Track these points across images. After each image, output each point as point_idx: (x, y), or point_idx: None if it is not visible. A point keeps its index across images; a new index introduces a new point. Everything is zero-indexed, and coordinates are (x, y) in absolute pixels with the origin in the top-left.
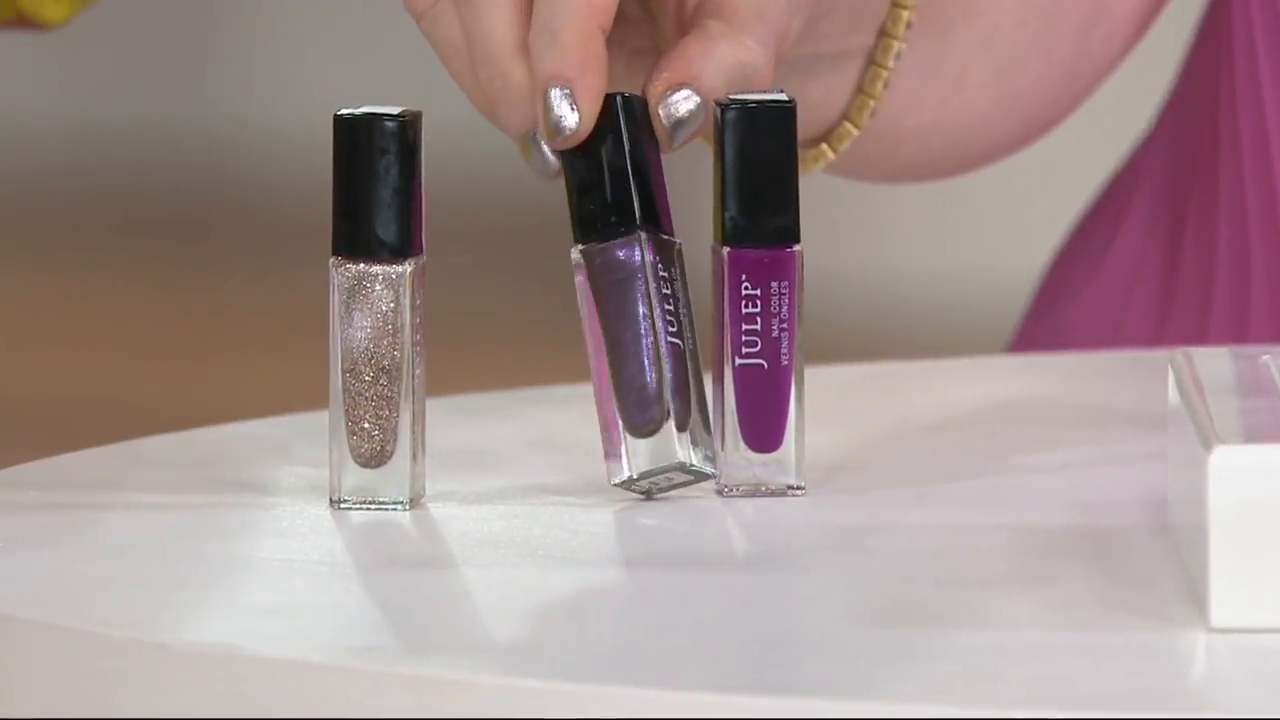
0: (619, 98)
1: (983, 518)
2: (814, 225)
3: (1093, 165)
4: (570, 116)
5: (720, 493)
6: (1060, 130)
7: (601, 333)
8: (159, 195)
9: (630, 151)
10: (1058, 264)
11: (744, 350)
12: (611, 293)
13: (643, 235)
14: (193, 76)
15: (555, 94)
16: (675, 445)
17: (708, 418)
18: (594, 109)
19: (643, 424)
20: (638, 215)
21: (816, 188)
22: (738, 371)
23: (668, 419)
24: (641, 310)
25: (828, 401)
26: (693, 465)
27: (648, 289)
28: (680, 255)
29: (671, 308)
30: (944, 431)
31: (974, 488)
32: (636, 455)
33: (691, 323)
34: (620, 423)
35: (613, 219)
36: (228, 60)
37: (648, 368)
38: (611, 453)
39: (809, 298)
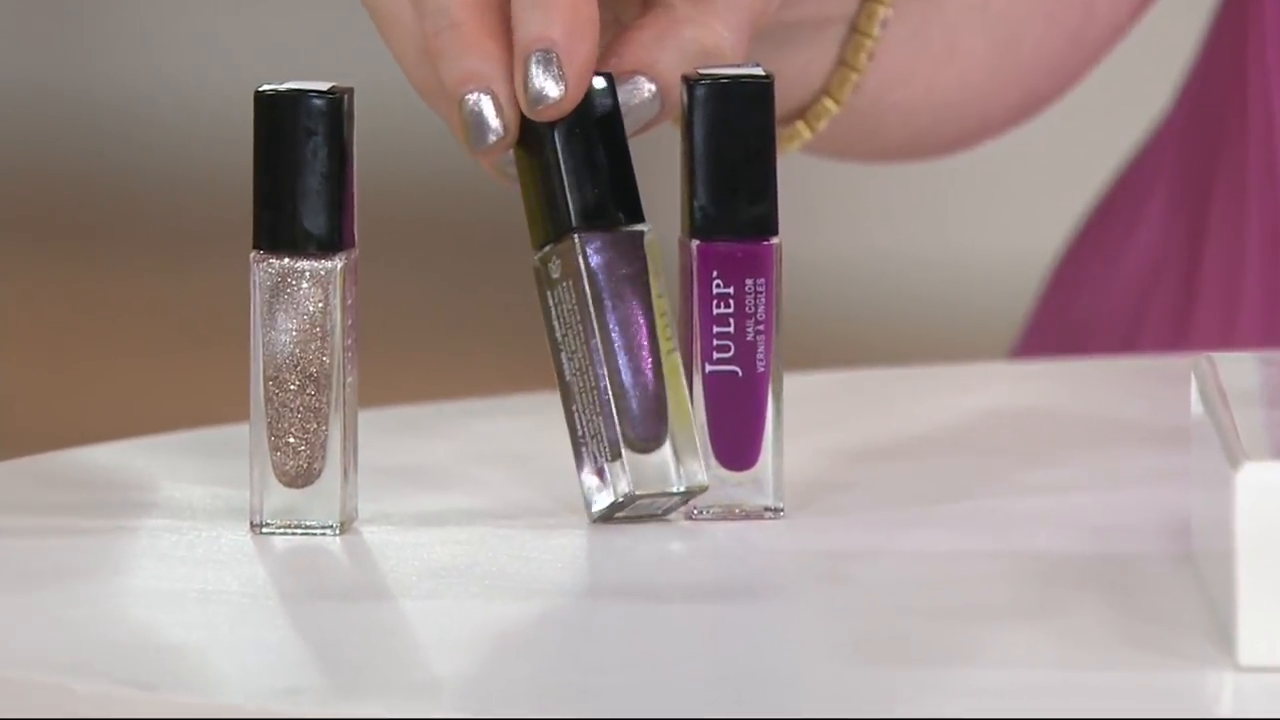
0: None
1: (982, 543)
2: (792, 212)
3: (1107, 145)
4: (554, 87)
5: (689, 515)
6: (1070, 106)
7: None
8: (40, 177)
9: (608, 136)
10: (1067, 259)
11: (715, 356)
12: (615, 291)
13: (578, 237)
14: (76, 36)
15: (539, 59)
16: (657, 469)
17: (690, 435)
18: (582, 81)
19: (607, 442)
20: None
21: (794, 169)
22: (709, 379)
23: (600, 440)
24: (635, 314)
25: (809, 413)
26: (678, 490)
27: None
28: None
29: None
30: (939, 447)
31: (972, 510)
32: (617, 477)
33: (663, 329)
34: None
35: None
36: (123, 19)
37: (601, 378)
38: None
39: (789, 295)
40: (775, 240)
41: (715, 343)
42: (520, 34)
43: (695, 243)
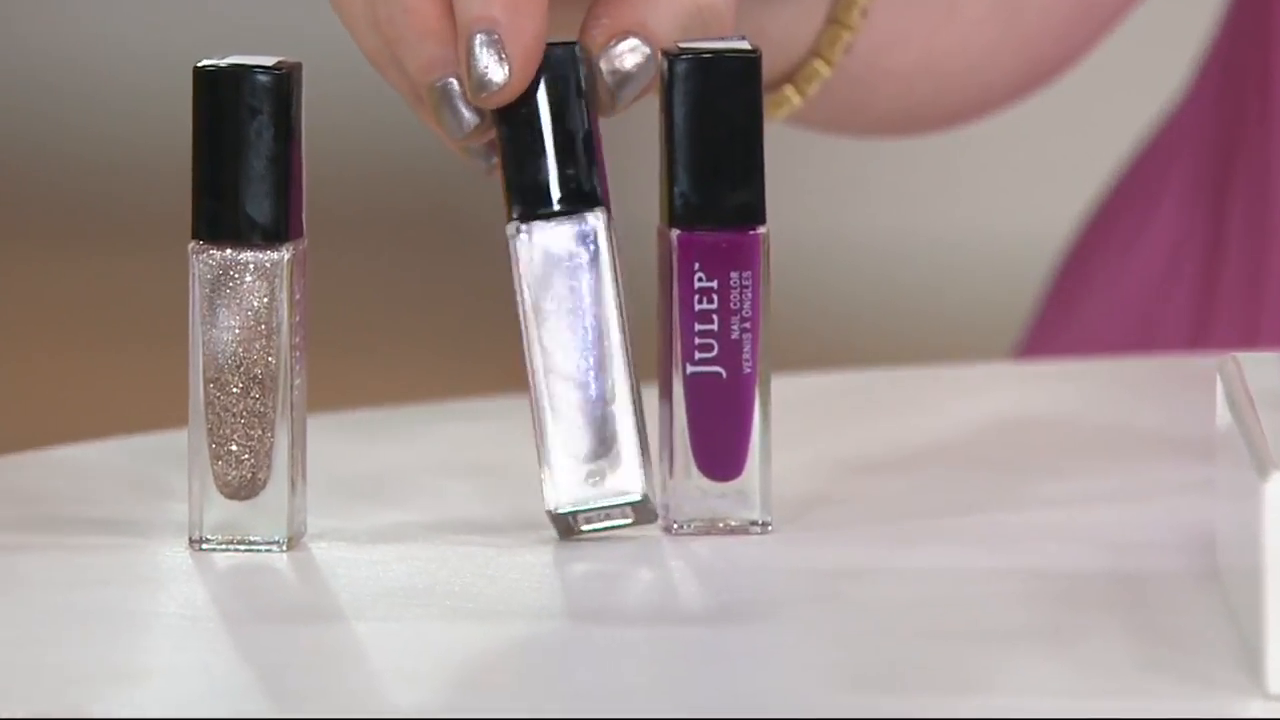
0: (548, 48)
1: (988, 561)
2: (779, 197)
3: (1123, 121)
4: (498, 69)
5: (668, 530)
6: (1084, 80)
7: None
8: None
9: (557, 116)
10: (1078, 248)
11: (697, 356)
12: (543, 283)
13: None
14: None
15: (481, 41)
16: (610, 477)
17: (645, 445)
18: (528, 61)
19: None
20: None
21: (779, 147)
22: (689, 381)
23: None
24: (584, 303)
25: (800, 419)
26: (631, 500)
27: (594, 278)
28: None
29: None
30: (941, 456)
31: (978, 525)
32: (558, 486)
33: (623, 321)
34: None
35: (540, 195)
36: None
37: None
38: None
39: (777, 289)
40: (763, 229)
41: (697, 341)
42: (461, 14)
43: (675, 232)
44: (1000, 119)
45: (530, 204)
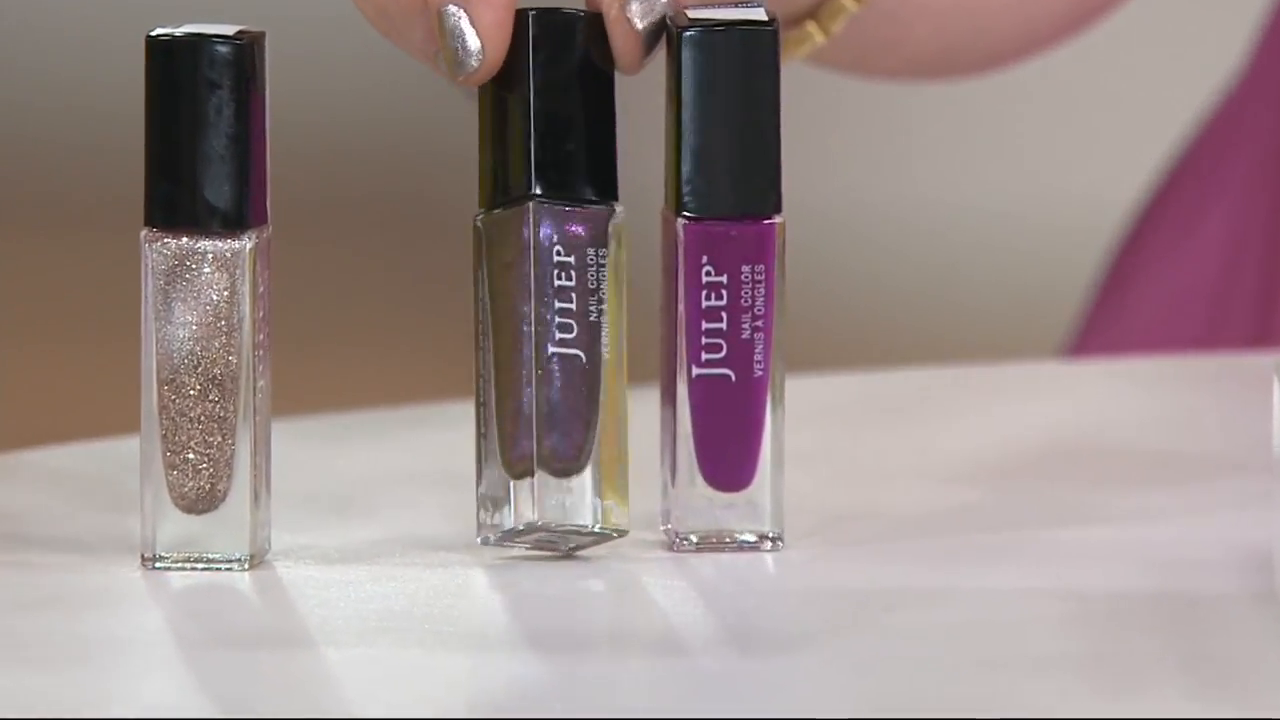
0: (531, 15)
1: (1026, 581)
2: (793, 173)
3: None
4: (472, 44)
5: (671, 546)
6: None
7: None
8: None
9: (538, 91)
10: (1132, 236)
11: (705, 357)
12: (497, 279)
13: (532, 206)
14: None
15: (452, 13)
16: (531, 499)
17: (623, 458)
18: (499, 33)
19: (513, 459)
20: (532, 179)
21: (795, 107)
22: (695, 384)
23: (531, 459)
24: (523, 307)
25: (818, 423)
26: (563, 526)
27: (534, 277)
28: (618, 230)
29: (571, 305)
30: (976, 465)
31: (1014, 541)
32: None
33: (611, 325)
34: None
35: (505, 183)
36: None
37: (523, 385)
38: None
39: (792, 282)
40: (778, 219)
41: (704, 341)
42: None
43: (682, 222)
44: (1047, 90)
45: (504, 191)
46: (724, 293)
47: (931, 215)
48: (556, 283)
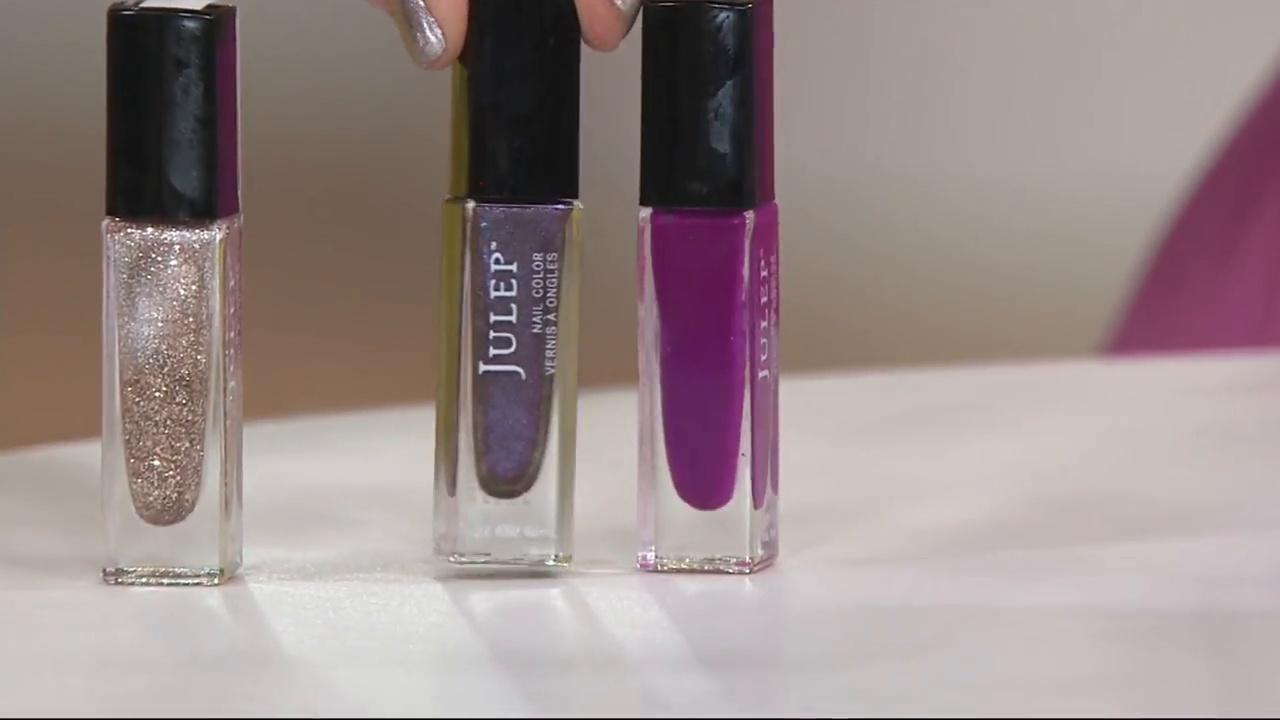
0: None
1: (1056, 597)
2: (789, 146)
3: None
4: (431, 31)
5: (655, 568)
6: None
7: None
8: None
9: (483, 79)
10: (1177, 225)
11: (681, 355)
12: (447, 279)
13: (470, 206)
14: None
15: (406, 7)
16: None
17: (569, 483)
18: (456, 14)
19: (450, 479)
20: (471, 177)
21: (790, 83)
22: (669, 386)
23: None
24: (457, 318)
25: (817, 427)
26: (491, 558)
27: (467, 283)
28: (570, 224)
29: (510, 317)
30: (999, 472)
31: (1043, 555)
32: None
33: (562, 336)
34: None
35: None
36: None
37: (458, 402)
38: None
39: (788, 273)
40: (771, 205)
41: (682, 338)
42: None
43: (655, 213)
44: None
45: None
46: (704, 288)
47: (956, 197)
48: (494, 294)
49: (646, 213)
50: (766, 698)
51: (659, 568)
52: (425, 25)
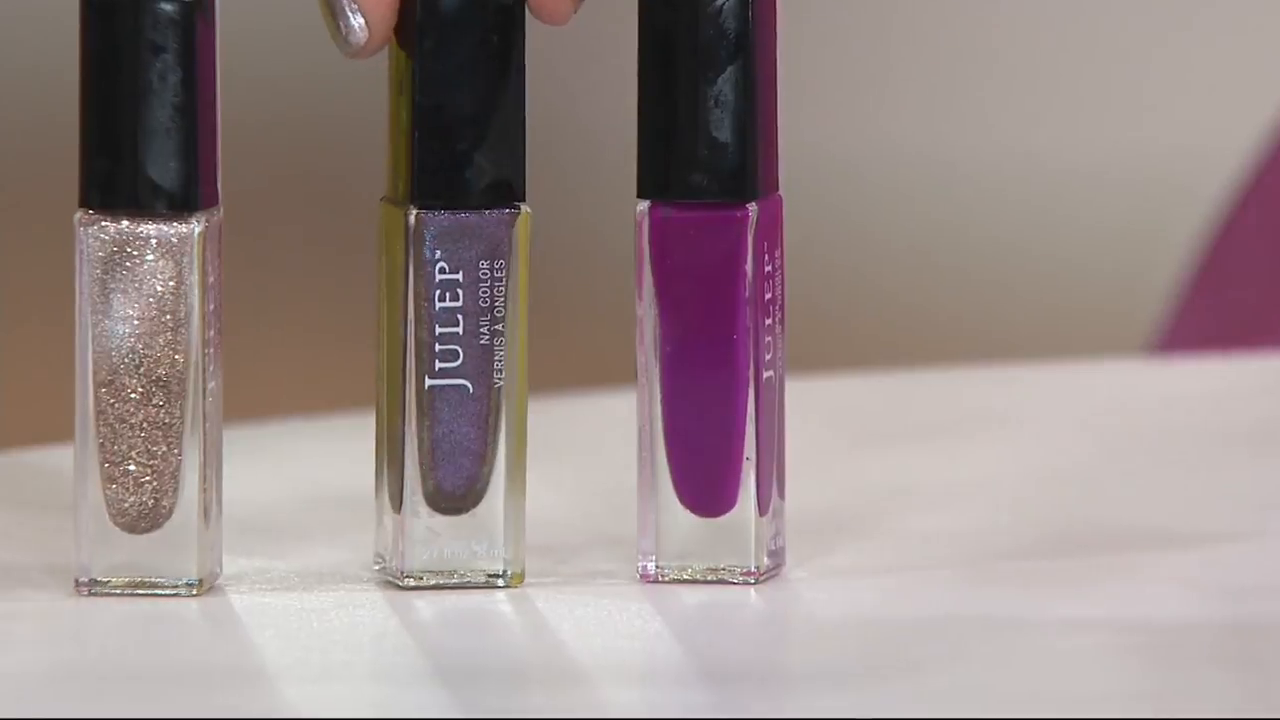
0: None
1: (1077, 609)
2: (795, 131)
3: None
4: (354, 19)
5: (656, 578)
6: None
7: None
8: None
9: (423, 78)
10: (1228, 217)
11: (682, 355)
12: (390, 284)
13: (413, 214)
14: None
15: None
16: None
17: (519, 498)
18: (381, 10)
19: (392, 493)
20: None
21: (797, 54)
22: (669, 388)
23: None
24: (403, 326)
25: (825, 430)
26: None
27: (410, 293)
28: (517, 230)
29: (457, 329)
30: (1019, 478)
31: (1063, 566)
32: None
33: (511, 346)
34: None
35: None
36: None
37: (401, 416)
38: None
39: (794, 267)
40: (775, 197)
41: (682, 340)
42: None
43: (652, 206)
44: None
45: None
46: (706, 285)
47: (974, 185)
48: (439, 304)
49: (644, 206)
50: (773, 716)
51: (660, 578)
52: (348, 12)
